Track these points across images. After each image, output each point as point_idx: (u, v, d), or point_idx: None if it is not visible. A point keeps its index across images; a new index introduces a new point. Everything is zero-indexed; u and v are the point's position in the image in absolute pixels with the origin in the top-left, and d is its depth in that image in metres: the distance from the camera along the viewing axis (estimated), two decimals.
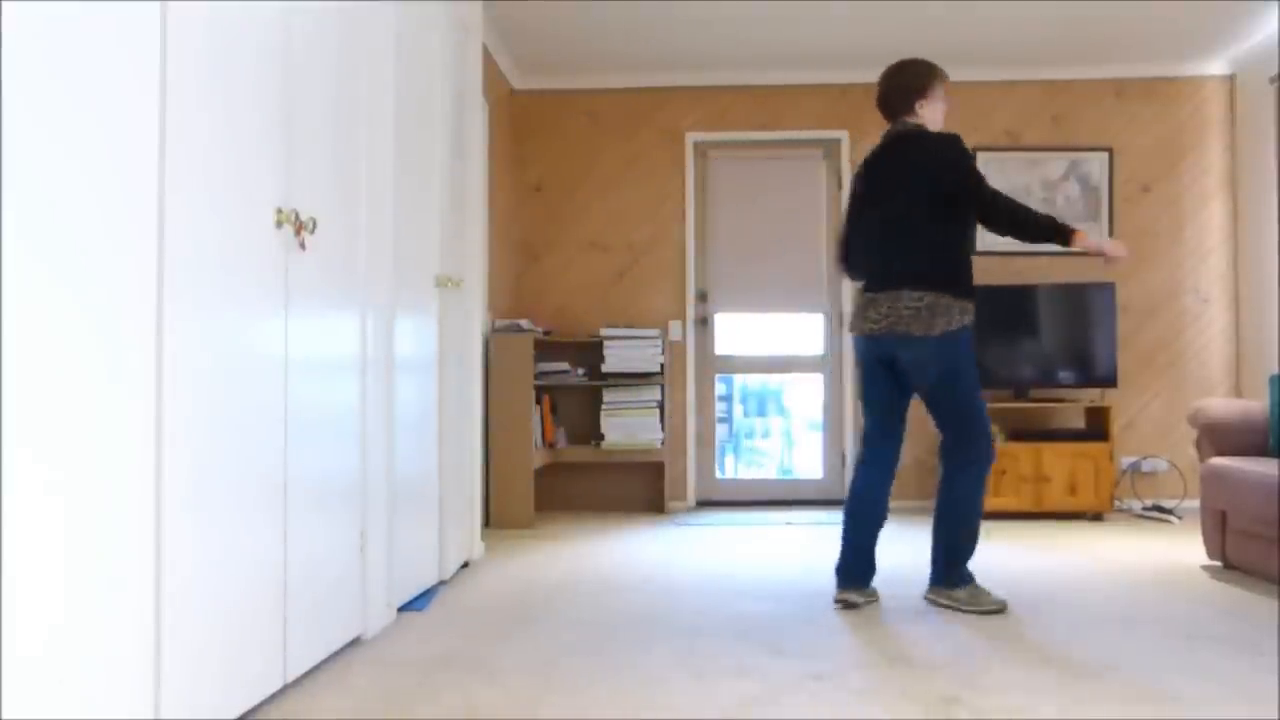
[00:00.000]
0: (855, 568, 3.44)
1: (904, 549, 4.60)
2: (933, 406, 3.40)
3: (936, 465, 3.52)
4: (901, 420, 3.50)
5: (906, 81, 3.48)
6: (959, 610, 3.33)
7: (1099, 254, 3.40)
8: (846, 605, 3.38)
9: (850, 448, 6.17)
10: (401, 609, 3.34)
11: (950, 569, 3.40)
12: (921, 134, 3.43)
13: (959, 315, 3.30)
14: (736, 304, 6.31)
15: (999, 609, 3.30)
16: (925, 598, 3.49)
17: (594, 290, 6.31)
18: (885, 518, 3.48)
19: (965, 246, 3.40)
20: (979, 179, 3.35)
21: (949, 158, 3.35)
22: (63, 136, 1.60)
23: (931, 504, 6.10)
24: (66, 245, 1.60)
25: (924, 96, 3.48)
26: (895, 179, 3.41)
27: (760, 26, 5.50)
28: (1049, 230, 3.33)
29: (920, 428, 6.14)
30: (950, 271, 3.33)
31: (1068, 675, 2.59)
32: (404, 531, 3.32)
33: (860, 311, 3.45)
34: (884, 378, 3.44)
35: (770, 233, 6.28)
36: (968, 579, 3.40)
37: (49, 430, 1.56)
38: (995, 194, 3.34)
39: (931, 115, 3.49)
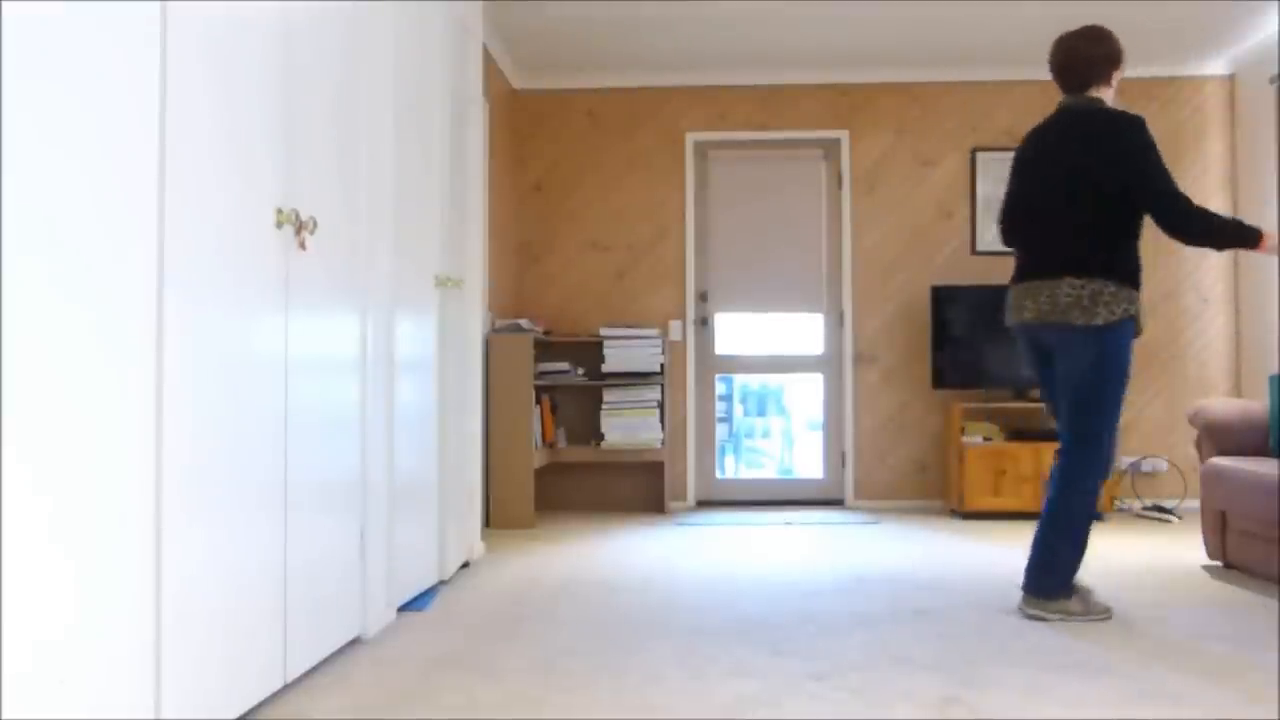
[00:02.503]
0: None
1: (907, 548, 4.60)
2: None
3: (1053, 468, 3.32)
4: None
5: (1090, 51, 3.28)
6: (1068, 620, 3.18)
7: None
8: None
9: (850, 448, 6.17)
10: (401, 609, 3.34)
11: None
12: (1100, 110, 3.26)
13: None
14: (736, 304, 6.31)
15: (1105, 615, 3.21)
16: (1023, 610, 3.25)
17: (594, 290, 6.31)
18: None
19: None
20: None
21: (1136, 141, 3.18)
22: (63, 136, 1.60)
23: (930, 504, 6.10)
24: (66, 245, 1.60)
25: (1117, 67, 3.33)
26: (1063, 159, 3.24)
27: (760, 26, 5.50)
28: (1236, 237, 3.12)
29: (920, 426, 6.14)
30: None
31: (1068, 675, 2.59)
32: (404, 531, 3.32)
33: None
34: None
35: (770, 233, 6.28)
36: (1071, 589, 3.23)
37: (49, 430, 1.56)
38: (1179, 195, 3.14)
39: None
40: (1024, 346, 3.41)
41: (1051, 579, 3.20)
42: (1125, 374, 3.21)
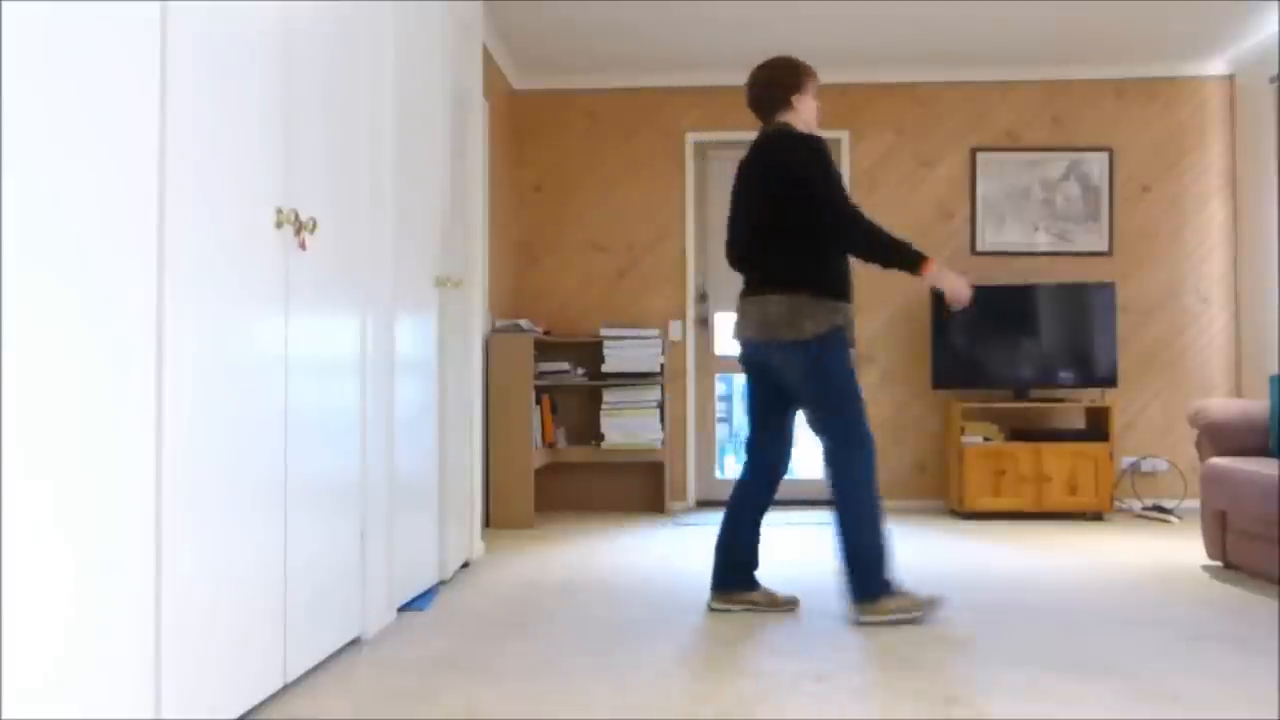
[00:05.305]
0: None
1: (906, 548, 4.60)
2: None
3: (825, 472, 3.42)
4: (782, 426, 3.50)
5: (772, 77, 3.40)
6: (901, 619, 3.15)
7: (939, 288, 3.28)
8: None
9: None
10: (401, 609, 3.34)
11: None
12: (783, 133, 3.35)
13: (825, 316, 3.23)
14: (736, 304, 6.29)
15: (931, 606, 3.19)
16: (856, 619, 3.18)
17: (594, 290, 6.31)
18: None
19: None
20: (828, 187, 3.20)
21: (798, 158, 3.25)
22: (63, 136, 1.60)
23: (930, 504, 6.10)
24: (67, 245, 1.60)
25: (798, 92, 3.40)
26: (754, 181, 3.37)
27: (760, 26, 5.50)
28: (899, 255, 3.19)
29: (920, 426, 6.14)
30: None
31: (1068, 675, 2.59)
32: (404, 531, 3.32)
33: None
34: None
35: None
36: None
37: (49, 430, 1.56)
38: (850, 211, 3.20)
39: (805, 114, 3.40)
40: (742, 361, 3.53)
41: (866, 581, 3.14)
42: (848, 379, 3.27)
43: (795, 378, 3.30)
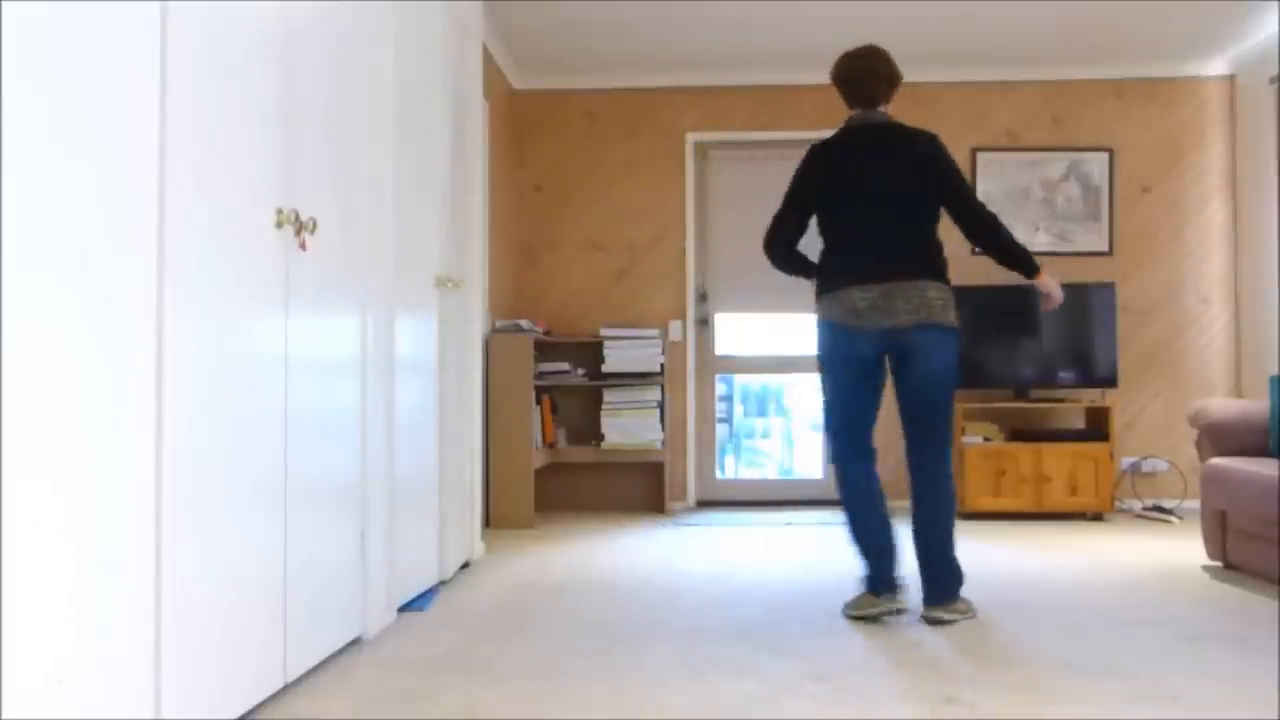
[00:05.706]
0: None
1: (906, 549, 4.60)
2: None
3: (903, 469, 3.43)
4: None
5: (890, 70, 3.44)
6: (965, 618, 3.20)
7: (1046, 295, 3.43)
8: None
9: None
10: (402, 609, 3.34)
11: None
12: (907, 127, 3.41)
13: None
14: (736, 304, 6.31)
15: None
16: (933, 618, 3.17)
17: (594, 290, 6.31)
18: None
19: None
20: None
21: (943, 152, 3.40)
22: (63, 137, 1.60)
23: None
24: (67, 245, 1.60)
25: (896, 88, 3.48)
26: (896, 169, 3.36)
27: (760, 26, 5.50)
28: (1023, 260, 3.36)
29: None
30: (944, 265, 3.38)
31: (1068, 675, 2.59)
32: (404, 531, 3.32)
33: (875, 303, 3.23)
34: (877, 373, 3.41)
35: None
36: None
37: (49, 430, 1.56)
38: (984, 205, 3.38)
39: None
40: (867, 350, 3.30)
41: (955, 582, 3.22)
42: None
43: (939, 361, 3.26)
